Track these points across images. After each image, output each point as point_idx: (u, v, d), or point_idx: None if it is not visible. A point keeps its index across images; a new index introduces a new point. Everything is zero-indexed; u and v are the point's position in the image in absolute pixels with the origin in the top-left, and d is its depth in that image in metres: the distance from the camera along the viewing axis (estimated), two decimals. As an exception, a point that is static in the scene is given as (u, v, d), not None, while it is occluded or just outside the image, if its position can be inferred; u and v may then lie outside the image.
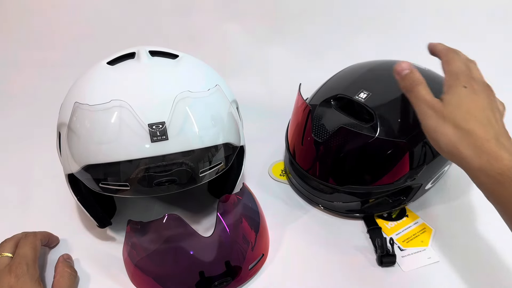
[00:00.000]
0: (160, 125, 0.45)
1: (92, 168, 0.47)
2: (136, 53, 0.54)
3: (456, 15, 0.98)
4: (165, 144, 0.45)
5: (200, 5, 0.99)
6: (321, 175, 0.59)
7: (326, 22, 1.00)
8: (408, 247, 0.57)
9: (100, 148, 0.46)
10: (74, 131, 0.47)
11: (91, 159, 0.46)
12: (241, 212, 0.55)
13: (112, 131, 0.45)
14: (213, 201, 0.65)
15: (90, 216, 0.56)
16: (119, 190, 0.48)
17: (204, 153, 0.49)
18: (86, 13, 1.01)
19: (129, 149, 0.45)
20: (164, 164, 0.46)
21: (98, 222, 0.57)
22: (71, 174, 0.50)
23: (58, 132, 0.53)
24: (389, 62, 0.67)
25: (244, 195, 0.56)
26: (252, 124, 0.79)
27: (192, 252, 0.50)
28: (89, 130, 0.46)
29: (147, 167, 0.46)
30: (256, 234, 0.55)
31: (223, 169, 0.53)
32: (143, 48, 0.54)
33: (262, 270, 0.55)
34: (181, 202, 0.65)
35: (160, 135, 0.45)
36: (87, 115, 0.47)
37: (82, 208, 0.55)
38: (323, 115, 0.60)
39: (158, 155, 0.45)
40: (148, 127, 0.45)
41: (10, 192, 0.68)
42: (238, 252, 0.52)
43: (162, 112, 0.46)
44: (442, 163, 0.59)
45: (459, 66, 0.49)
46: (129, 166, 0.46)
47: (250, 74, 0.99)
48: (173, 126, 0.46)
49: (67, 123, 0.49)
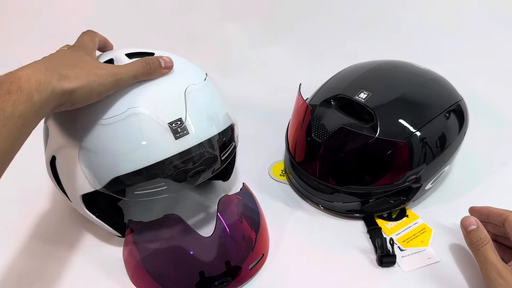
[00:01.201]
0: (179, 121, 0.48)
1: (123, 178, 0.47)
2: (114, 60, 0.52)
3: (456, 15, 0.98)
4: (188, 138, 0.48)
5: (200, 5, 0.99)
6: (321, 175, 0.59)
7: (326, 22, 1.00)
8: (408, 247, 0.57)
9: (128, 157, 0.46)
10: (91, 150, 0.46)
11: (119, 170, 0.46)
12: (241, 212, 0.55)
13: (136, 138, 0.46)
14: (214, 200, 0.65)
15: (112, 228, 0.56)
16: (155, 192, 0.49)
17: (221, 138, 0.53)
18: (86, 13, 1.01)
19: (157, 151, 0.47)
20: (191, 157, 0.49)
21: (120, 232, 0.57)
22: (85, 195, 0.50)
23: (49, 159, 0.52)
24: (389, 62, 0.67)
25: (244, 195, 0.56)
26: (252, 124, 0.79)
27: (192, 252, 0.50)
28: (111, 143, 0.46)
29: (177, 163, 0.48)
30: (256, 234, 0.55)
31: (235, 147, 0.57)
32: (118, 52, 0.53)
33: (262, 270, 0.55)
34: (181, 201, 0.65)
35: (181, 131, 0.47)
36: (106, 129, 0.46)
37: (101, 223, 0.55)
38: (323, 115, 0.60)
39: (184, 150, 0.48)
40: (168, 126, 0.47)
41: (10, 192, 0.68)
42: (238, 252, 0.52)
43: (176, 109, 0.48)
44: (442, 163, 0.59)
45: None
46: (161, 167, 0.48)
47: (250, 74, 0.99)
48: (189, 119, 0.48)
49: (78, 144, 0.47)
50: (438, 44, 0.98)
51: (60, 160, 0.50)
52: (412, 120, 0.56)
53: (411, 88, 0.60)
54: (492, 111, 0.83)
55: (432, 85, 0.62)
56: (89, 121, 0.46)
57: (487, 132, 0.77)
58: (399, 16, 0.99)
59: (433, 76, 0.64)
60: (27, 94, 0.37)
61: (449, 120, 0.58)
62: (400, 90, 0.59)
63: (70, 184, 0.51)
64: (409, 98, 0.59)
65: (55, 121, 0.50)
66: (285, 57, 1.01)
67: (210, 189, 0.68)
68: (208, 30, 1.01)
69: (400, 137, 0.54)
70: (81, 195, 0.51)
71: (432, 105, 0.58)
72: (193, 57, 0.58)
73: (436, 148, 0.57)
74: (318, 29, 1.00)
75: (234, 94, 0.66)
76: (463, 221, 0.51)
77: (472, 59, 0.96)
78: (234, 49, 1.02)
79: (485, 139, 0.75)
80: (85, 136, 0.46)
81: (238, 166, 0.72)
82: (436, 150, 0.57)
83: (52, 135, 0.51)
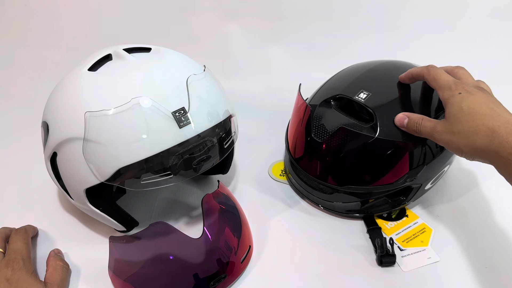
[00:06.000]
0: (182, 110, 0.49)
1: (129, 168, 0.47)
2: (113, 54, 0.53)
3: (456, 14, 0.98)
4: (191, 127, 0.49)
5: (200, 5, 0.99)
6: (321, 175, 0.59)
7: (326, 22, 1.00)
8: (408, 247, 0.57)
9: (133, 147, 0.46)
10: (95, 141, 0.46)
11: (125, 160, 0.47)
12: (223, 209, 0.55)
13: (141, 127, 0.47)
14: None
15: (118, 223, 0.56)
16: (162, 181, 0.49)
17: (223, 126, 0.54)
18: (86, 13, 1.01)
19: (162, 140, 0.47)
20: (196, 145, 0.50)
21: (126, 226, 0.57)
22: (89, 189, 0.50)
23: (49, 155, 0.52)
24: (389, 62, 0.67)
25: (222, 192, 0.57)
26: (252, 124, 0.79)
27: (184, 258, 0.49)
28: (116, 134, 0.46)
29: (183, 152, 0.49)
30: (241, 227, 0.55)
31: (235, 137, 0.58)
32: (116, 48, 0.53)
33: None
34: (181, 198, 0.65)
35: (185, 120, 0.48)
36: (110, 120, 0.46)
37: (105, 218, 0.55)
38: (323, 115, 0.60)
39: (189, 138, 0.49)
40: (172, 115, 0.47)
41: (9, 191, 0.69)
42: (227, 248, 0.52)
43: (179, 99, 0.49)
44: (442, 163, 0.59)
45: (446, 78, 0.51)
46: (167, 156, 0.48)
47: (250, 74, 0.99)
48: (192, 108, 0.49)
49: (82, 137, 0.47)
50: (438, 44, 0.98)
51: (62, 155, 0.50)
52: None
53: (411, 88, 0.59)
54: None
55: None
56: (92, 113, 0.46)
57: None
58: (399, 16, 0.99)
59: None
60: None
61: (449, 120, 0.58)
62: (400, 90, 0.59)
63: (72, 179, 0.51)
64: (409, 98, 0.59)
65: (57, 115, 0.50)
66: (285, 57, 1.01)
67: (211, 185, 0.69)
68: (208, 30, 1.01)
69: (400, 137, 0.54)
70: (84, 189, 0.51)
71: (432, 105, 0.58)
72: (193, 57, 0.58)
73: (436, 148, 0.57)
74: (318, 29, 1.00)
75: (234, 94, 0.66)
76: (396, 121, 0.54)
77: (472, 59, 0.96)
78: (234, 49, 1.02)
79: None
80: (89, 128, 0.47)
81: (238, 166, 0.73)
82: (436, 150, 0.57)
83: (53, 130, 0.50)
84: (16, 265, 0.49)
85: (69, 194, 0.54)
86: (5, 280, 0.47)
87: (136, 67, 0.51)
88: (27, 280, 0.48)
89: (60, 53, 1.01)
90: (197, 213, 0.63)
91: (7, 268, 0.49)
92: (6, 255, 0.51)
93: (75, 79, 0.51)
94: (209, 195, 0.54)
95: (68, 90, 0.51)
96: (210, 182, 0.69)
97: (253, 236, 0.59)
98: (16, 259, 0.50)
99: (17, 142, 0.80)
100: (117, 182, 0.49)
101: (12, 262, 0.49)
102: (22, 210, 0.65)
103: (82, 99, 0.48)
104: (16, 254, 0.50)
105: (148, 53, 0.55)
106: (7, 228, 0.56)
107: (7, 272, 0.48)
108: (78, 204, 0.54)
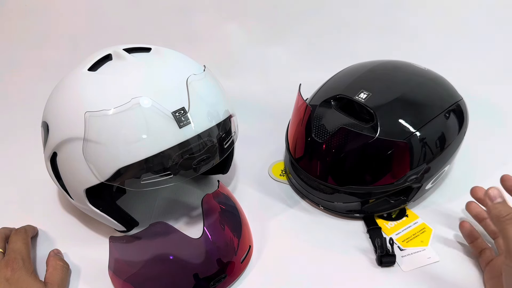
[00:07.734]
0: (182, 110, 0.49)
1: (129, 168, 0.47)
2: (113, 54, 0.53)
3: (456, 14, 0.98)
4: (191, 127, 0.49)
5: (200, 5, 0.99)
6: (321, 175, 0.59)
7: (326, 22, 1.00)
8: (408, 247, 0.57)
9: (133, 147, 0.46)
10: (95, 141, 0.46)
11: (126, 160, 0.47)
12: (223, 209, 0.55)
13: (141, 127, 0.47)
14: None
15: (118, 223, 0.56)
16: (162, 181, 0.49)
17: (223, 126, 0.54)
18: (86, 13, 1.01)
19: (162, 139, 0.47)
20: (196, 145, 0.50)
21: (126, 226, 0.57)
22: (89, 189, 0.50)
23: (50, 155, 0.52)
24: (389, 62, 0.67)
25: (222, 192, 0.57)
26: (252, 124, 0.79)
27: (184, 258, 0.49)
28: (116, 133, 0.46)
29: (183, 152, 0.49)
30: (241, 227, 0.55)
31: (235, 137, 0.58)
32: (116, 48, 0.53)
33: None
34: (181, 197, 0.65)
35: (185, 120, 0.48)
36: (110, 120, 0.46)
37: (105, 218, 0.55)
38: (323, 116, 0.60)
39: (189, 138, 0.49)
40: (172, 115, 0.47)
41: (9, 191, 0.69)
42: (227, 248, 0.52)
43: (179, 99, 0.49)
44: (442, 163, 0.59)
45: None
46: (167, 156, 0.48)
47: (250, 74, 0.99)
48: (192, 108, 0.49)
49: (82, 137, 0.47)
50: (438, 44, 0.98)
51: (62, 155, 0.50)
52: (412, 120, 0.56)
53: (411, 88, 0.60)
54: (492, 111, 0.83)
55: (432, 85, 0.62)
56: (92, 113, 0.46)
57: (487, 132, 0.77)
58: (399, 16, 0.99)
59: (433, 76, 0.64)
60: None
61: (449, 120, 0.58)
62: (400, 90, 0.59)
63: (72, 179, 0.51)
64: (409, 98, 0.59)
65: (57, 115, 0.50)
66: (285, 57, 1.01)
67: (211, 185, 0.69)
68: (208, 30, 1.01)
69: (400, 137, 0.54)
70: (84, 189, 0.51)
71: (432, 105, 0.58)
72: (193, 57, 0.58)
73: (436, 148, 0.57)
74: (318, 29, 1.00)
75: (234, 94, 0.66)
76: (489, 192, 0.47)
77: (472, 59, 0.96)
78: (234, 49, 1.02)
79: (485, 139, 0.75)
80: (89, 128, 0.47)
81: (238, 166, 0.73)
82: (436, 150, 0.57)
83: (53, 130, 0.50)
84: (16, 265, 0.49)
85: (69, 194, 0.54)
86: (5, 280, 0.48)
87: (136, 67, 0.51)
88: (27, 280, 0.49)
89: (60, 53, 1.01)
90: (197, 213, 0.64)
91: (7, 268, 0.49)
92: (6, 255, 0.51)
93: (75, 79, 0.51)
94: (209, 195, 0.54)
95: (68, 90, 0.51)
96: (210, 182, 0.69)
97: (253, 236, 0.59)
98: (16, 259, 0.50)
99: (17, 142, 0.81)
100: (117, 182, 0.49)
101: (12, 262, 0.50)
102: (22, 210, 0.65)
103: (82, 99, 0.48)
104: (16, 254, 0.51)
105: (148, 53, 0.55)
106: (7, 228, 0.57)
107: (7, 272, 0.48)
108: (78, 204, 0.54)
